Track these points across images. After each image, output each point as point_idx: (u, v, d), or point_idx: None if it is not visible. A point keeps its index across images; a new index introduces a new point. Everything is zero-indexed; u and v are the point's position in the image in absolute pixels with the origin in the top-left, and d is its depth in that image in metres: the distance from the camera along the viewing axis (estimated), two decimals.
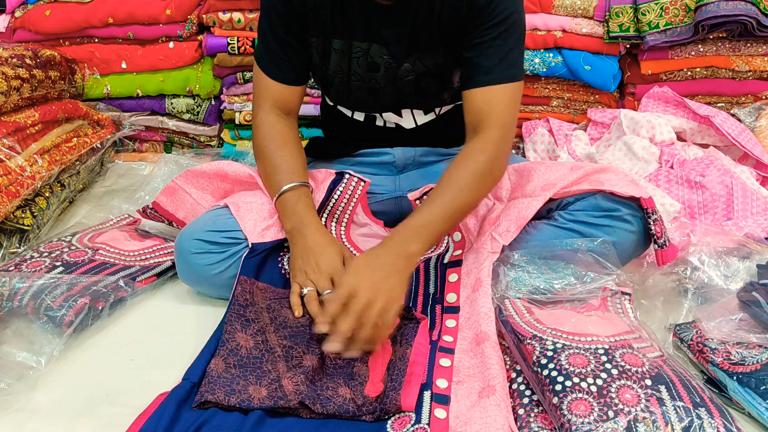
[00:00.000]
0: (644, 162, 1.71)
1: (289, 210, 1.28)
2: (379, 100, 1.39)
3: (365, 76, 1.35)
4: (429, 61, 1.32)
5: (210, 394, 1.00)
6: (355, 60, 1.33)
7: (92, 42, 2.02)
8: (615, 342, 1.06)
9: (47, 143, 1.65)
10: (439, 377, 1.05)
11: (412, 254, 1.15)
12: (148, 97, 2.06)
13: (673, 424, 0.91)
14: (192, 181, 1.46)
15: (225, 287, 1.29)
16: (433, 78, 1.35)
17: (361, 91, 1.37)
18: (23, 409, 1.06)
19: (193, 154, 2.07)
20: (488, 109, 1.25)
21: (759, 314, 1.13)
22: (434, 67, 1.33)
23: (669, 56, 1.90)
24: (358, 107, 1.42)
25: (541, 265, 1.22)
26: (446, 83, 1.37)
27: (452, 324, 1.17)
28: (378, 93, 1.37)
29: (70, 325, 1.20)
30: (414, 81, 1.34)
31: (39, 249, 1.43)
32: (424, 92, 1.37)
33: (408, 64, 1.33)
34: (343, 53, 1.33)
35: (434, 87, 1.36)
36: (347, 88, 1.37)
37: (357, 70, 1.34)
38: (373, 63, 1.33)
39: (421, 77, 1.34)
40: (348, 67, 1.34)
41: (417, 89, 1.36)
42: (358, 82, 1.36)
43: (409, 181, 1.47)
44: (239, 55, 1.96)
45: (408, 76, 1.34)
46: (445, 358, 1.09)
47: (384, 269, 1.10)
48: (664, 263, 1.29)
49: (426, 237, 1.17)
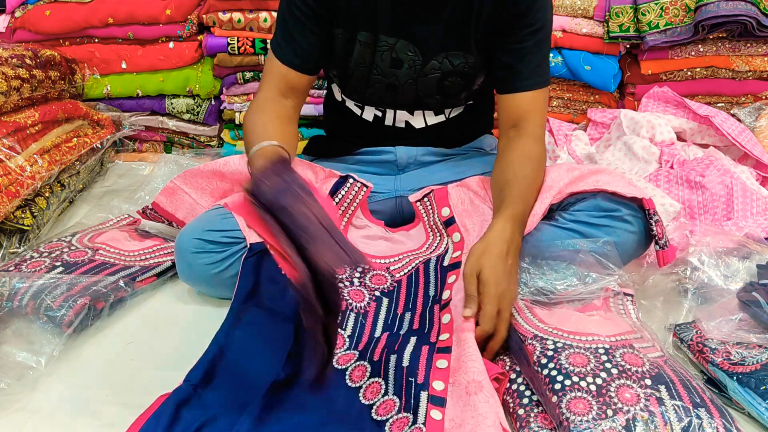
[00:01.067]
0: (644, 162, 1.71)
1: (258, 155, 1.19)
2: (396, 98, 1.40)
3: (387, 71, 1.36)
4: (458, 60, 1.34)
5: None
6: (379, 54, 1.34)
7: (92, 42, 2.02)
8: (616, 342, 1.06)
9: (47, 143, 1.65)
10: (435, 379, 1.05)
11: (517, 241, 1.19)
12: (148, 97, 2.06)
13: (672, 423, 0.91)
14: (190, 181, 1.46)
15: (225, 287, 1.29)
16: (458, 77, 1.36)
17: (380, 86, 1.38)
18: (23, 409, 1.06)
19: (193, 154, 2.07)
20: (529, 112, 1.34)
21: (759, 314, 1.13)
22: (463, 66, 1.34)
23: (669, 56, 1.90)
24: (373, 102, 1.43)
25: (543, 265, 1.22)
26: (470, 83, 1.38)
27: (447, 319, 1.17)
28: (396, 90, 1.38)
29: (70, 325, 1.20)
30: (438, 79, 1.36)
31: (39, 249, 1.43)
32: (446, 92, 1.38)
33: (435, 61, 1.34)
34: (367, 46, 1.34)
35: (457, 87, 1.38)
36: (366, 81, 1.38)
37: (380, 64, 1.35)
38: (398, 59, 1.34)
39: (447, 76, 1.36)
40: (371, 61, 1.35)
41: (439, 88, 1.37)
42: (378, 77, 1.37)
43: (410, 181, 1.47)
44: (239, 55, 1.96)
45: (433, 74, 1.35)
46: (442, 359, 1.09)
47: (508, 261, 1.15)
48: (664, 264, 1.29)
49: (521, 222, 1.22)
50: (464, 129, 1.49)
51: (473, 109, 1.48)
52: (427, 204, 1.40)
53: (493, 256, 1.13)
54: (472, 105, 1.47)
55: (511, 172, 1.29)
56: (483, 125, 1.56)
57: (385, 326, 1.23)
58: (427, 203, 1.39)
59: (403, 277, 1.34)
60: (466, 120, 1.48)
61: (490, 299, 1.10)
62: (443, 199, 1.38)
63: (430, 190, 1.39)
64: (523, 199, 1.25)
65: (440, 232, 1.39)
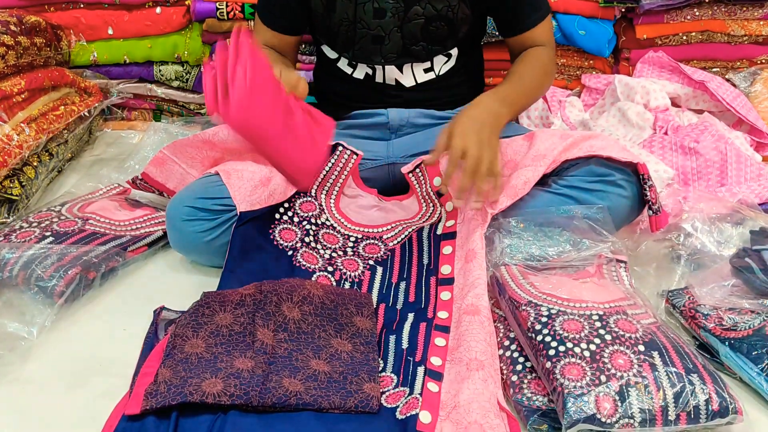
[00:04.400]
0: (638, 128, 1.70)
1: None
2: (383, 50, 1.39)
3: (371, 22, 1.35)
4: (441, 4, 1.34)
5: (155, 398, 0.94)
6: (361, 6, 1.34)
7: (78, 7, 1.97)
8: (609, 308, 1.06)
9: (34, 111, 1.63)
10: (433, 355, 1.05)
11: (502, 116, 1.29)
12: (136, 64, 2.03)
13: (665, 389, 0.92)
14: (180, 150, 1.45)
15: (217, 255, 1.29)
16: (442, 21, 1.36)
17: (365, 39, 1.38)
18: (16, 380, 1.06)
19: (183, 122, 2.04)
20: (537, 42, 1.43)
21: (751, 280, 1.13)
22: (446, 10, 1.35)
23: (664, 20, 1.88)
24: (362, 58, 1.42)
25: (537, 231, 1.22)
26: (455, 28, 1.38)
27: (447, 296, 1.17)
28: (383, 41, 1.38)
29: (62, 295, 1.20)
30: (422, 25, 1.36)
31: (28, 219, 1.42)
32: (432, 37, 1.38)
33: (418, 7, 1.34)
34: (348, 0, 1.34)
35: (442, 32, 1.38)
36: (353, 37, 1.38)
37: (363, 16, 1.35)
38: (380, 9, 1.34)
39: (431, 21, 1.36)
40: (354, 15, 1.35)
41: (424, 34, 1.37)
42: (363, 29, 1.36)
43: (402, 146, 1.46)
44: (228, 20, 1.93)
45: (417, 20, 1.35)
46: (440, 337, 1.09)
47: (485, 129, 1.23)
48: (657, 229, 1.29)
49: (510, 104, 1.32)
50: (455, 89, 1.49)
51: (462, 66, 1.48)
52: (419, 174, 1.39)
53: (472, 118, 1.24)
54: (461, 60, 1.46)
55: (516, 66, 1.41)
56: (474, 86, 1.55)
57: (380, 296, 1.23)
58: (419, 174, 1.39)
59: (396, 246, 1.34)
60: (457, 80, 1.48)
61: (468, 169, 1.19)
62: (434, 169, 1.37)
63: (421, 161, 1.38)
64: (518, 87, 1.36)
65: (433, 202, 1.38)
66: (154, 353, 1.05)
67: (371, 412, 0.95)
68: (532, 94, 1.43)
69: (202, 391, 0.94)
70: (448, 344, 1.07)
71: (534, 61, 1.41)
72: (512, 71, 1.41)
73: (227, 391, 0.94)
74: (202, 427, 0.92)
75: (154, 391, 0.94)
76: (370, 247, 1.34)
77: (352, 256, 1.32)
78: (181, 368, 0.98)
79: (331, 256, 1.31)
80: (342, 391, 0.97)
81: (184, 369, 0.98)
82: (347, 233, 1.36)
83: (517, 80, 1.38)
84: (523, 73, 1.40)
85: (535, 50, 1.42)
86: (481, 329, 1.05)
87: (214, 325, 1.08)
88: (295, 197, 1.35)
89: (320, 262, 1.29)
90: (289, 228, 1.32)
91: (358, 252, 1.32)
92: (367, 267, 1.30)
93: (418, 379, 1.01)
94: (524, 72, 1.40)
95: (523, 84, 1.38)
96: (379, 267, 1.30)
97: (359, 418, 0.95)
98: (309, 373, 1.00)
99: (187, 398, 0.93)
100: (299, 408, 0.95)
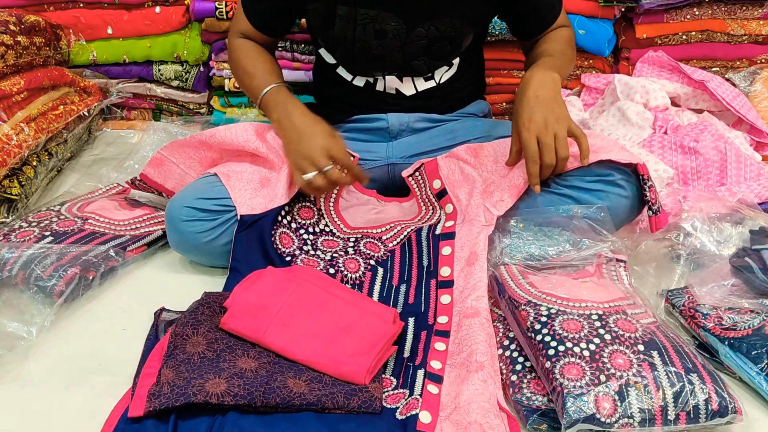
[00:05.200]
0: (638, 128, 1.70)
1: (272, 104, 1.35)
2: (384, 65, 1.38)
3: (372, 42, 1.34)
4: (445, 26, 1.32)
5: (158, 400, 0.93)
6: (361, 27, 1.31)
7: (77, 7, 1.97)
8: (609, 308, 1.06)
9: (33, 111, 1.62)
10: (433, 359, 1.05)
11: (556, 80, 1.26)
12: (135, 64, 2.03)
13: (665, 388, 0.92)
14: (178, 151, 1.44)
15: (217, 255, 1.29)
16: (445, 41, 1.35)
17: (365, 57, 1.36)
18: (15, 379, 1.06)
19: (182, 121, 2.04)
20: (558, 26, 1.45)
21: (751, 280, 1.13)
22: (450, 31, 1.33)
23: (664, 20, 1.88)
24: (362, 72, 1.42)
25: (537, 231, 1.22)
26: (457, 46, 1.37)
27: (447, 300, 1.17)
28: (384, 59, 1.36)
29: (61, 295, 1.19)
30: (425, 45, 1.34)
31: (27, 219, 1.42)
32: (434, 55, 1.37)
33: (421, 29, 1.32)
34: (347, 20, 1.31)
35: (444, 50, 1.37)
36: (351, 52, 1.36)
37: (363, 37, 1.33)
38: (381, 30, 1.32)
39: (433, 42, 1.34)
40: (352, 35, 1.33)
41: (426, 53, 1.36)
42: (363, 50, 1.35)
43: (402, 148, 1.45)
44: (228, 20, 1.92)
45: (419, 41, 1.33)
46: (440, 342, 1.09)
47: (547, 106, 1.21)
48: (657, 229, 1.29)
49: (558, 70, 1.30)
50: (455, 95, 1.48)
51: (463, 74, 1.47)
52: (418, 178, 1.39)
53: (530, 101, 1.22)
54: (463, 67, 1.46)
55: (543, 46, 1.41)
56: (474, 91, 1.55)
57: (380, 299, 1.23)
58: (419, 177, 1.39)
59: (396, 247, 1.34)
60: (457, 86, 1.47)
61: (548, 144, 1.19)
62: (434, 172, 1.37)
63: (421, 164, 1.38)
64: (553, 60, 1.34)
65: (433, 205, 1.38)
66: (154, 353, 1.04)
67: (374, 413, 0.95)
68: (566, 64, 1.43)
69: (206, 391, 0.94)
70: (448, 348, 1.07)
71: (558, 37, 1.43)
72: (539, 51, 1.40)
73: (231, 391, 0.94)
74: (202, 426, 0.92)
75: (157, 393, 0.94)
76: (370, 245, 1.34)
77: (353, 255, 1.32)
78: (183, 368, 0.98)
79: (333, 257, 1.31)
80: (345, 391, 0.97)
81: (186, 369, 0.98)
82: (346, 236, 1.36)
83: (548, 55, 1.37)
84: (551, 50, 1.39)
85: (557, 31, 1.44)
86: (482, 331, 1.06)
87: (214, 324, 1.08)
88: (295, 201, 1.35)
89: (321, 264, 1.29)
90: (287, 233, 1.32)
91: (358, 250, 1.32)
92: (368, 267, 1.29)
93: (417, 382, 1.01)
94: (551, 48, 1.39)
95: (555, 57, 1.37)
96: (380, 268, 1.30)
97: (360, 418, 0.95)
98: (313, 374, 1.01)
99: (190, 399, 0.93)
100: (302, 408, 0.95)
